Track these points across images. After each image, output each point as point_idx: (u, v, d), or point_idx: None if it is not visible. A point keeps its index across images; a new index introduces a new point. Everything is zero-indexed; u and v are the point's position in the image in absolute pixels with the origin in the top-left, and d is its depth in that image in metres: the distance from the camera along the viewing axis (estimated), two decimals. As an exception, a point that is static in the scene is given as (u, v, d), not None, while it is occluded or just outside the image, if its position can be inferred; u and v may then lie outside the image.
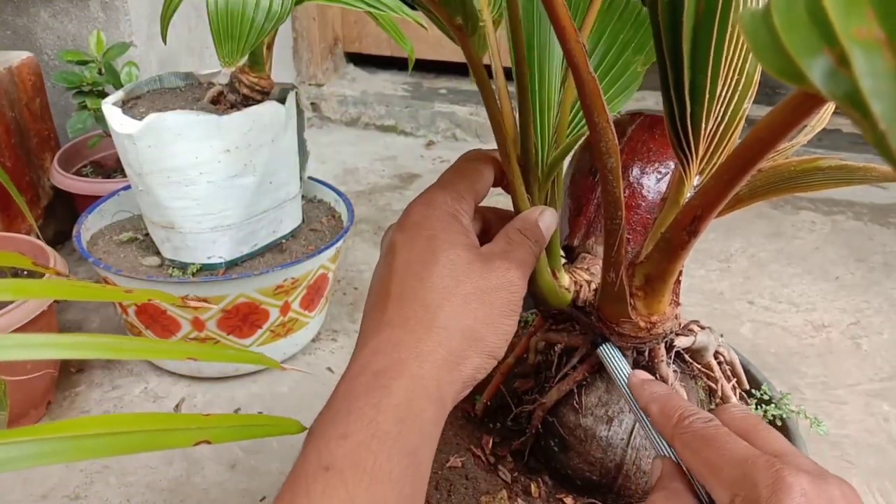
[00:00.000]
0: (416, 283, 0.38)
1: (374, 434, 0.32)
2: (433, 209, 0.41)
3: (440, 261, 0.38)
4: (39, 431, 0.24)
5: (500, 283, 0.39)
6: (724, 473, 0.34)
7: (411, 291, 0.38)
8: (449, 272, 0.38)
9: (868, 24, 0.13)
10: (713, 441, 0.36)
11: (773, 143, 0.26)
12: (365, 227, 1.41)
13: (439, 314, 0.37)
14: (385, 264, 0.40)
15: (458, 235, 0.40)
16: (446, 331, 0.36)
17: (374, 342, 0.37)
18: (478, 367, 0.38)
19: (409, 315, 0.37)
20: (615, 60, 0.47)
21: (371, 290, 0.41)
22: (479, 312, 0.38)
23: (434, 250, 0.38)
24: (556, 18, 0.31)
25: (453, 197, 0.41)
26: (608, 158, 0.36)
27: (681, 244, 0.35)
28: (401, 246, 0.40)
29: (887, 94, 0.12)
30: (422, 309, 0.37)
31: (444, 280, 0.38)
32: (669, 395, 0.40)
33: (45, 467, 0.86)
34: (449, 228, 0.40)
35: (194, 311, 0.90)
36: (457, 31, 0.37)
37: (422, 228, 0.40)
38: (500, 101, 0.44)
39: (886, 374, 1.03)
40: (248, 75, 0.87)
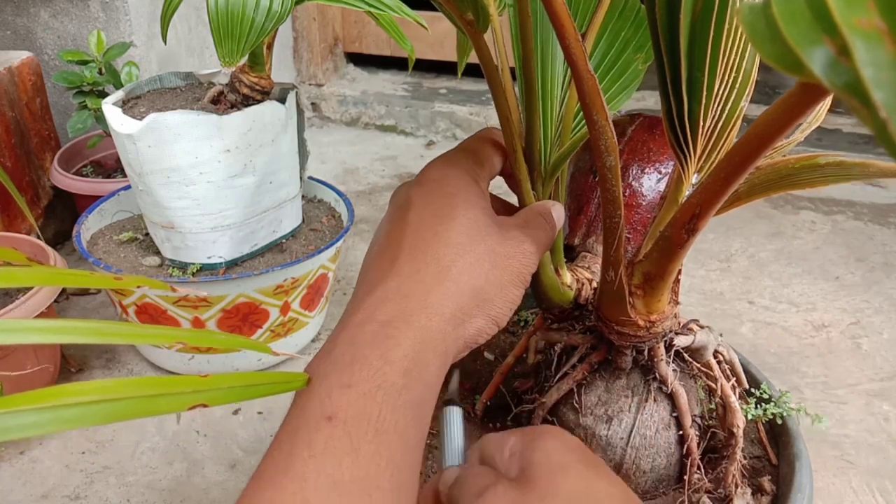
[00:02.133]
0: (431, 236, 0.37)
1: (380, 385, 0.32)
2: (453, 168, 0.41)
3: (457, 217, 0.38)
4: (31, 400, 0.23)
5: (515, 251, 0.39)
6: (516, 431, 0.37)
7: (424, 244, 0.37)
8: (465, 230, 0.38)
9: (869, 15, 0.13)
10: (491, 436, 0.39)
11: (770, 140, 0.26)
12: (365, 227, 1.41)
13: (451, 269, 0.36)
14: (398, 216, 0.40)
15: (477, 197, 0.40)
16: (457, 286, 0.36)
17: (382, 290, 0.36)
18: (480, 329, 0.38)
19: (421, 266, 0.36)
20: (616, 59, 0.47)
21: (377, 239, 0.40)
22: (490, 275, 0.38)
23: (452, 206, 0.38)
24: (556, 17, 0.31)
25: (474, 161, 0.42)
26: (607, 157, 0.36)
27: (680, 242, 0.35)
28: (417, 200, 0.39)
29: (888, 84, 0.12)
30: (434, 262, 0.37)
31: (459, 237, 0.37)
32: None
33: (45, 467, 0.86)
34: (469, 189, 0.40)
35: (194, 311, 0.90)
36: (468, 27, 0.37)
37: (441, 185, 0.40)
38: (507, 98, 0.44)
39: (886, 373, 1.03)
40: (249, 75, 0.87)
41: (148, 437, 0.91)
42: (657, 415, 0.46)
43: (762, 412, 0.52)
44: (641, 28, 0.48)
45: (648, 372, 0.46)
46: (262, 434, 0.91)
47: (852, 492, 0.84)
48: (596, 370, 0.47)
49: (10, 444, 0.89)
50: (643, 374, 0.46)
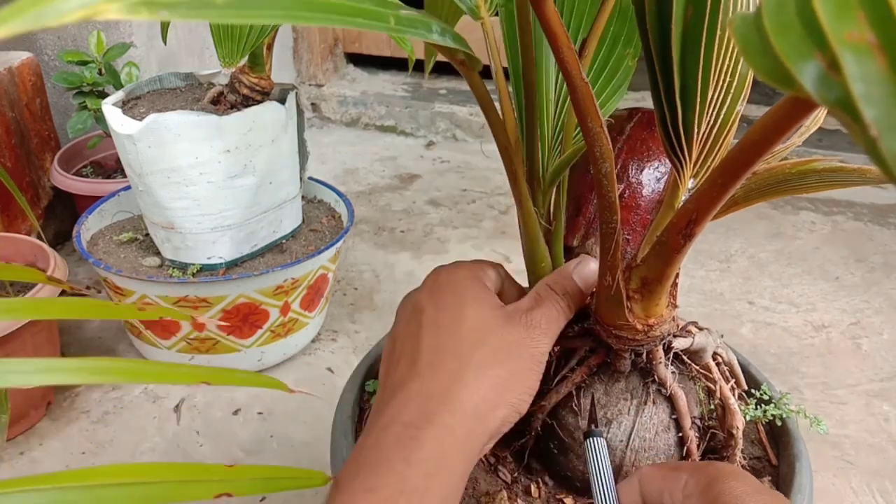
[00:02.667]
0: (447, 336, 0.39)
1: (403, 490, 0.32)
2: (458, 273, 0.43)
3: (468, 316, 0.39)
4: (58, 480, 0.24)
5: (522, 338, 0.40)
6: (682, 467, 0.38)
7: (441, 344, 0.39)
8: (478, 326, 0.39)
9: (859, 29, 0.13)
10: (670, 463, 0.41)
11: (767, 146, 0.26)
12: (365, 227, 1.41)
13: (469, 365, 0.37)
14: (412, 320, 0.41)
15: (485, 294, 0.41)
16: (476, 381, 0.37)
17: (404, 393, 0.37)
18: (504, 418, 0.38)
19: (440, 366, 0.38)
20: (608, 57, 0.47)
21: (392, 346, 0.42)
22: (506, 364, 0.39)
23: (462, 306, 0.40)
24: (548, 25, 0.31)
25: (477, 265, 0.44)
26: (602, 163, 0.36)
27: (676, 247, 0.35)
28: (429, 305, 0.41)
29: (879, 99, 0.12)
30: (452, 359, 0.38)
31: (472, 332, 0.39)
32: None
33: (45, 468, 0.86)
34: (476, 287, 0.41)
35: (194, 312, 0.90)
36: (460, 66, 0.38)
37: (448, 289, 0.42)
38: (501, 101, 0.44)
39: (886, 374, 1.03)
40: (249, 76, 0.87)
41: (148, 438, 0.91)
42: (656, 417, 0.46)
43: (762, 413, 0.52)
44: (628, 22, 0.48)
45: (647, 374, 0.46)
46: (262, 434, 0.92)
47: (852, 492, 0.84)
48: (595, 373, 0.47)
49: (10, 444, 0.89)
50: (642, 377, 0.46)
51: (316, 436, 0.91)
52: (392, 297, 1.20)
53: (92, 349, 1.06)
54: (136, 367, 0.31)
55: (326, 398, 0.97)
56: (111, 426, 0.93)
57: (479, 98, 0.40)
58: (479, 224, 1.43)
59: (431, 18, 0.25)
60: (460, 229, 1.41)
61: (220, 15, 0.17)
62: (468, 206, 1.50)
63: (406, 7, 0.24)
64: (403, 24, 0.22)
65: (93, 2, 0.15)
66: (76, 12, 0.15)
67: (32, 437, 0.90)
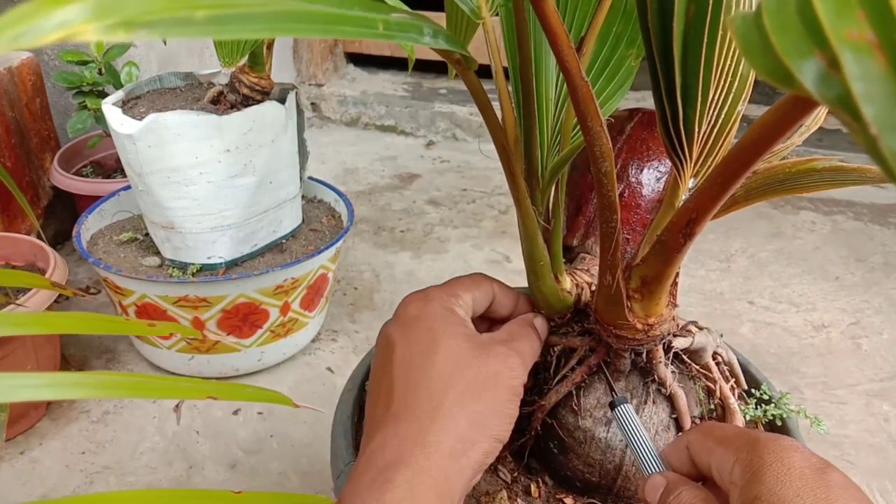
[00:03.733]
0: (419, 374, 0.38)
1: None
2: (429, 303, 0.41)
3: (440, 350, 0.39)
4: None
5: (500, 368, 0.39)
6: (731, 441, 0.36)
7: (415, 382, 0.38)
8: (450, 360, 0.38)
9: (859, 27, 0.13)
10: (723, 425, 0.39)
11: (767, 146, 0.26)
12: (365, 227, 1.41)
13: (444, 402, 0.37)
14: (385, 358, 0.41)
15: (456, 326, 0.40)
16: (452, 418, 0.37)
17: (380, 436, 0.37)
18: (486, 452, 0.38)
19: (414, 406, 0.37)
20: (609, 57, 0.47)
21: (371, 385, 0.41)
22: (483, 397, 0.38)
23: (434, 340, 0.39)
24: (549, 25, 0.31)
25: (449, 293, 0.42)
26: (602, 162, 0.36)
27: (676, 247, 0.35)
28: (400, 339, 0.40)
29: (879, 98, 0.12)
30: (426, 398, 0.37)
31: (446, 368, 0.38)
32: None
33: (45, 468, 0.86)
34: (446, 320, 0.40)
35: (194, 311, 0.90)
36: (456, 65, 0.37)
37: (420, 321, 0.40)
38: (501, 101, 0.44)
39: (886, 374, 1.03)
40: (248, 75, 0.87)
41: (148, 437, 0.91)
42: (656, 416, 0.46)
43: (762, 413, 0.52)
44: (632, 22, 0.48)
45: (647, 374, 0.46)
46: (262, 434, 0.92)
47: (852, 492, 0.84)
48: (595, 372, 0.47)
49: (10, 444, 0.89)
50: (642, 377, 0.46)
51: (316, 435, 0.91)
52: (392, 297, 1.20)
53: (91, 349, 1.06)
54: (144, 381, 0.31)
55: (326, 398, 0.97)
56: (111, 426, 0.93)
57: (475, 97, 0.40)
58: (478, 224, 1.43)
59: (423, 21, 0.25)
60: (460, 229, 1.41)
61: (200, 31, 0.16)
62: (468, 206, 1.50)
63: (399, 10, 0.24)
64: (393, 30, 0.22)
65: (72, 22, 0.15)
66: (54, 33, 0.15)
67: (32, 436, 0.90)
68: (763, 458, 0.34)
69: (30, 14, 0.15)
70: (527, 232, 0.45)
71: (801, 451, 0.34)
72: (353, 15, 0.20)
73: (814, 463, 0.34)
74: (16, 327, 0.31)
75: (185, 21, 0.16)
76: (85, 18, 0.15)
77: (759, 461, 0.34)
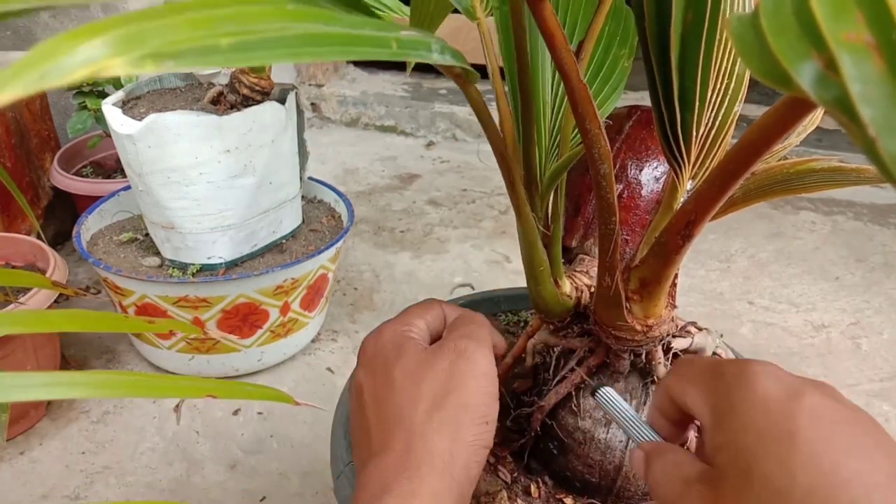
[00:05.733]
0: (386, 406, 0.38)
1: None
2: (381, 337, 0.42)
3: (395, 375, 0.39)
4: None
5: (457, 362, 0.38)
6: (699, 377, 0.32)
7: (384, 416, 0.38)
8: (407, 380, 0.38)
9: (857, 29, 0.13)
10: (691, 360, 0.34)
11: (765, 147, 0.26)
12: (365, 227, 1.41)
13: (414, 423, 0.36)
14: (357, 403, 0.41)
15: (408, 346, 0.40)
16: (423, 438, 0.36)
17: (364, 475, 0.36)
18: (467, 461, 0.36)
19: (389, 437, 0.37)
20: (603, 58, 0.47)
21: (352, 434, 0.42)
22: (447, 401, 0.37)
23: (389, 372, 0.39)
24: (546, 26, 0.31)
25: (400, 323, 0.42)
26: (601, 164, 0.36)
27: (675, 248, 0.35)
28: (364, 380, 0.41)
29: (877, 100, 0.12)
30: (399, 428, 0.37)
31: (406, 389, 0.38)
32: None
33: (45, 468, 0.86)
34: (400, 347, 0.40)
35: (194, 312, 0.90)
36: (457, 79, 0.38)
37: (376, 357, 0.41)
38: (498, 104, 0.44)
39: (886, 374, 1.03)
40: (248, 76, 0.87)
41: (148, 438, 0.91)
42: (655, 417, 0.46)
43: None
44: (623, 22, 0.48)
45: (646, 375, 0.46)
46: (262, 434, 0.92)
47: (851, 493, 0.84)
48: (594, 373, 0.47)
49: (10, 444, 0.89)
50: (641, 377, 0.46)
51: (316, 436, 0.91)
52: (392, 297, 1.20)
53: (92, 349, 1.06)
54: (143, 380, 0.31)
55: (326, 398, 0.97)
56: (111, 426, 0.93)
57: (476, 110, 0.40)
58: (478, 224, 1.43)
59: (431, 38, 0.25)
60: (460, 229, 1.41)
61: (225, 60, 0.16)
62: (468, 206, 1.50)
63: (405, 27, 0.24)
64: (405, 48, 0.22)
65: (97, 58, 0.15)
66: (81, 69, 0.14)
67: (32, 436, 0.90)
68: (727, 397, 0.29)
69: (52, 51, 0.15)
70: (526, 238, 0.45)
71: (769, 377, 0.28)
72: (369, 35, 0.20)
73: (785, 387, 0.27)
74: (14, 326, 0.31)
75: (211, 50, 0.16)
76: (111, 53, 0.15)
77: (724, 402, 0.29)
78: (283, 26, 0.18)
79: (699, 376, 0.32)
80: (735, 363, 0.30)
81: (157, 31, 0.16)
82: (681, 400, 0.33)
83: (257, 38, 0.17)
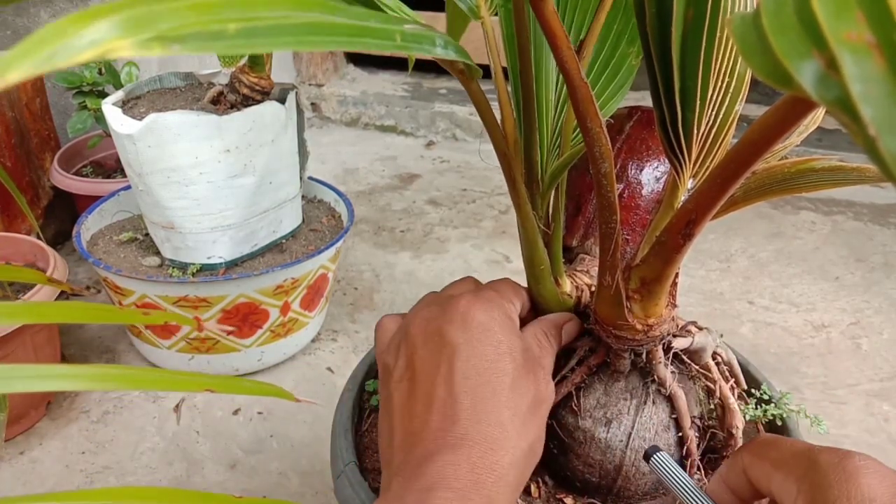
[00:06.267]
0: (490, 395, 0.37)
1: None
2: (495, 311, 0.41)
3: (508, 371, 0.38)
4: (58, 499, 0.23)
5: (546, 394, 0.41)
6: (790, 465, 0.33)
7: (484, 405, 0.37)
8: (515, 386, 0.38)
9: (858, 28, 0.13)
10: (777, 442, 0.35)
11: (766, 146, 0.26)
12: (365, 227, 1.41)
13: (511, 434, 0.37)
14: (442, 357, 0.39)
15: (518, 341, 0.40)
16: (518, 451, 0.37)
17: (451, 455, 0.35)
18: (524, 480, 0.38)
19: (487, 432, 0.36)
20: (610, 56, 0.47)
21: (417, 381, 0.39)
22: (535, 428, 0.39)
23: (502, 358, 0.39)
24: (547, 25, 0.31)
25: (505, 298, 0.43)
26: (602, 164, 0.36)
27: (676, 247, 0.35)
28: (464, 345, 0.38)
29: (877, 99, 0.12)
30: (497, 426, 0.37)
31: (513, 394, 0.38)
32: None
33: (45, 468, 0.86)
34: (511, 332, 0.40)
35: (194, 311, 0.90)
36: (459, 75, 0.38)
37: (488, 331, 0.39)
38: (500, 102, 0.44)
39: (886, 374, 1.03)
40: (248, 75, 0.87)
41: (148, 438, 0.91)
42: (656, 417, 0.46)
43: (762, 413, 0.52)
44: (632, 19, 0.47)
45: (647, 374, 0.46)
46: (262, 434, 0.92)
47: (851, 492, 0.84)
48: (594, 373, 0.47)
49: (10, 444, 0.89)
50: (642, 377, 0.46)
51: (316, 436, 0.91)
52: (392, 297, 1.20)
53: (92, 349, 1.06)
54: (140, 374, 0.31)
55: (326, 398, 0.97)
56: (111, 426, 0.93)
57: (477, 106, 0.40)
58: (479, 224, 1.43)
59: (435, 32, 0.25)
60: (460, 229, 1.41)
61: (231, 46, 0.16)
62: (468, 206, 1.50)
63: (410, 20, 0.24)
64: (409, 41, 0.22)
65: (105, 39, 0.15)
66: (89, 50, 0.14)
67: (32, 436, 0.90)
68: (825, 492, 0.29)
69: (61, 32, 0.14)
70: (527, 236, 0.45)
71: (874, 474, 0.29)
72: (373, 27, 0.20)
73: (890, 486, 0.28)
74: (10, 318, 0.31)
75: (218, 35, 0.16)
76: (118, 35, 0.15)
77: (821, 496, 0.29)
78: (288, 14, 0.18)
79: (790, 463, 0.32)
80: (831, 453, 0.31)
81: (165, 14, 0.16)
82: (762, 483, 0.34)
83: (263, 25, 0.17)
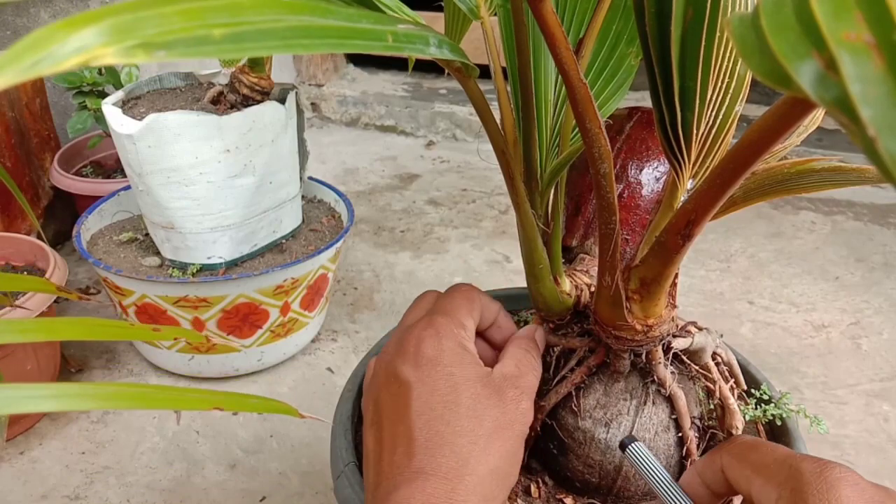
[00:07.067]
0: (443, 426, 0.37)
1: None
2: (443, 341, 0.40)
3: (462, 401, 0.38)
4: None
5: (515, 415, 0.39)
6: (771, 470, 0.33)
7: (439, 437, 0.37)
8: (472, 412, 0.38)
9: (857, 28, 0.13)
10: (759, 446, 0.36)
11: (766, 147, 0.26)
12: (365, 227, 1.41)
13: (469, 460, 0.37)
14: (398, 400, 0.39)
15: (473, 368, 0.40)
16: (477, 476, 0.36)
17: (407, 490, 0.35)
18: (501, 500, 0.38)
19: (441, 462, 0.36)
20: (609, 56, 0.47)
21: (377, 421, 0.40)
22: (501, 450, 0.38)
23: (455, 389, 0.38)
24: (546, 25, 0.31)
25: (456, 324, 0.42)
26: (601, 164, 0.36)
27: (675, 248, 0.35)
28: (416, 383, 0.39)
29: (876, 100, 0.12)
30: (452, 456, 0.36)
31: (469, 422, 0.38)
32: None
33: (45, 468, 0.86)
34: (463, 362, 0.40)
35: (194, 312, 0.90)
36: (456, 73, 0.38)
37: (437, 365, 0.39)
38: (500, 102, 0.44)
39: (886, 374, 1.03)
40: (248, 75, 0.87)
41: (148, 438, 0.91)
42: (656, 417, 0.46)
43: (762, 413, 0.52)
44: (632, 19, 0.47)
45: (647, 375, 0.46)
46: (262, 434, 0.92)
47: (851, 492, 0.84)
48: (594, 373, 0.47)
49: (10, 444, 0.89)
50: (641, 377, 0.46)
51: (316, 436, 0.91)
52: (392, 297, 1.20)
53: (92, 349, 1.06)
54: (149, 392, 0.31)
55: (326, 398, 0.97)
56: (111, 426, 0.93)
57: (475, 104, 0.40)
58: (478, 224, 1.43)
59: (429, 32, 0.25)
60: (460, 229, 1.41)
61: (218, 50, 0.16)
62: (468, 206, 1.50)
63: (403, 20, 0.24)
64: (401, 41, 0.22)
65: (89, 46, 0.15)
66: (73, 58, 0.14)
67: (32, 436, 0.90)
68: (808, 500, 0.30)
69: (45, 40, 0.15)
70: (526, 235, 0.45)
71: (853, 487, 0.31)
72: (363, 28, 0.20)
73: (867, 500, 0.30)
74: (18, 334, 0.31)
75: (203, 40, 0.16)
76: (103, 42, 0.15)
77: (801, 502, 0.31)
78: (277, 18, 0.18)
79: (771, 468, 0.33)
80: (813, 462, 0.32)
81: (150, 20, 0.16)
82: (741, 484, 0.34)
83: (250, 30, 0.17)
